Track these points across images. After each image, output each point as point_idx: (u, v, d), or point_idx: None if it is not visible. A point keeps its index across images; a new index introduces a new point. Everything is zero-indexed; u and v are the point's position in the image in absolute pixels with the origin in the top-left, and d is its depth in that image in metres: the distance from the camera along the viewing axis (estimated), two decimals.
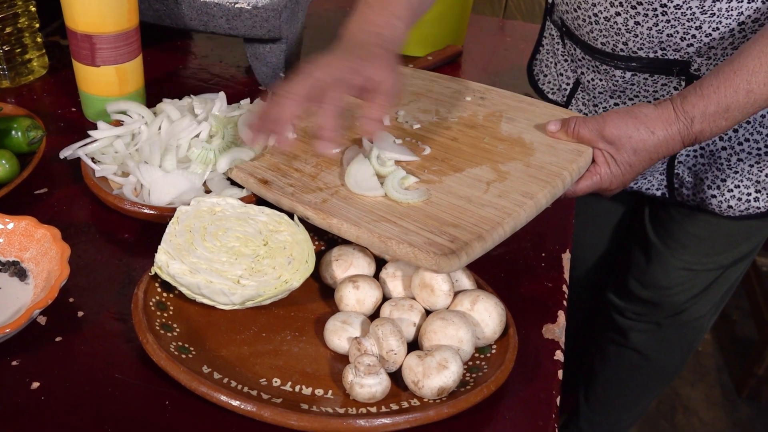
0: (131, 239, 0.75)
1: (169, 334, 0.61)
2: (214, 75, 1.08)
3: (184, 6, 0.93)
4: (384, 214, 0.67)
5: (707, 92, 0.72)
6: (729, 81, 0.71)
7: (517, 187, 0.69)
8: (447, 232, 0.64)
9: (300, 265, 0.65)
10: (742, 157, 0.90)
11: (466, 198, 0.68)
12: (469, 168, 0.73)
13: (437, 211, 0.67)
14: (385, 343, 0.59)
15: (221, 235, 0.65)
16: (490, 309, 0.63)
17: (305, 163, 0.76)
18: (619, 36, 0.85)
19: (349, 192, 0.70)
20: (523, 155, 0.74)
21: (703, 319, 1.14)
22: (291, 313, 0.66)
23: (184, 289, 0.62)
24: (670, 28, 0.81)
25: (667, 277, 1.09)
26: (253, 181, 0.74)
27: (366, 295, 0.65)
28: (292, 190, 0.72)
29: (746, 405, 1.75)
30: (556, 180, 0.71)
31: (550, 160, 0.73)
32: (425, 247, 0.62)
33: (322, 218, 0.68)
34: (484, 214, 0.66)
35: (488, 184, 0.70)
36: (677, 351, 1.20)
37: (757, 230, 1.01)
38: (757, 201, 0.92)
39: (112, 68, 0.86)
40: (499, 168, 0.72)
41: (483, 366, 0.62)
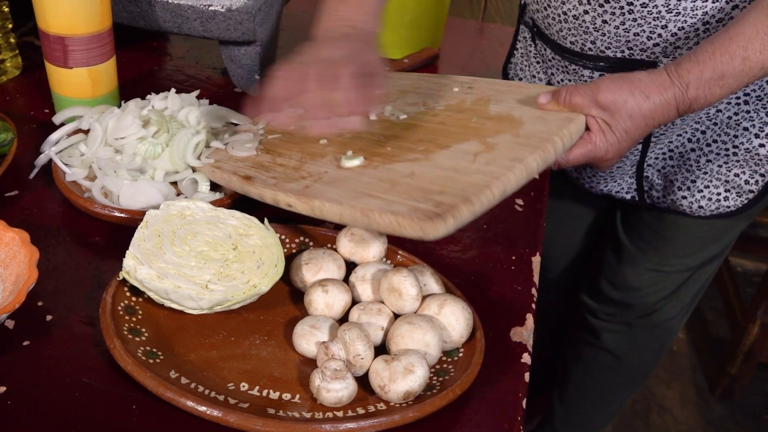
0: (101, 242, 0.75)
1: (138, 338, 0.61)
2: (189, 76, 1.07)
3: (157, 8, 0.92)
4: (367, 191, 0.65)
5: (702, 58, 0.70)
6: (725, 47, 0.70)
7: (506, 154, 0.66)
8: (432, 199, 0.61)
9: (269, 270, 0.65)
10: (711, 158, 0.92)
11: (452, 168, 0.65)
12: (456, 144, 0.70)
13: (422, 183, 0.64)
14: (352, 347, 0.60)
15: (190, 240, 0.66)
16: (457, 313, 0.64)
17: (289, 158, 0.75)
18: (587, 35, 0.86)
19: (333, 176, 0.68)
20: (512, 128, 0.72)
21: (674, 320, 1.16)
22: (261, 316, 0.67)
23: (153, 294, 0.62)
24: (637, 26, 0.82)
25: (638, 278, 1.10)
26: (236, 179, 0.73)
27: (335, 299, 0.65)
28: (274, 181, 0.71)
29: (719, 404, 1.78)
30: (547, 145, 0.68)
31: (540, 129, 0.70)
32: (409, 213, 0.59)
33: (304, 202, 0.66)
34: (471, 180, 0.63)
35: (475, 155, 0.67)
36: (649, 351, 1.22)
37: (725, 232, 1.03)
38: (727, 200, 0.94)
39: (85, 70, 0.86)
40: (486, 141, 0.69)
41: (450, 369, 0.63)
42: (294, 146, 0.77)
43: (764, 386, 1.83)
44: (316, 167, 0.72)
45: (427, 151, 0.70)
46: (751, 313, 1.66)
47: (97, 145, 0.79)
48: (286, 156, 0.76)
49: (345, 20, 0.76)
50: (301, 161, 0.74)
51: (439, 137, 0.73)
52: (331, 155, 0.73)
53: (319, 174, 0.70)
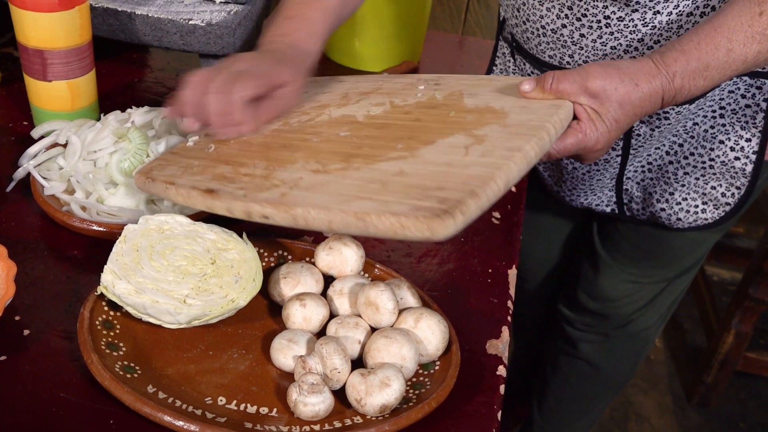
0: (80, 256, 0.75)
1: (115, 353, 0.61)
2: (169, 88, 1.08)
3: (137, 22, 0.93)
4: (356, 193, 0.59)
5: (687, 48, 0.70)
6: (709, 38, 0.69)
7: (500, 144, 0.62)
8: (434, 195, 0.56)
9: (247, 284, 0.66)
10: (688, 170, 0.94)
11: (446, 163, 0.60)
12: (441, 139, 0.65)
13: (417, 180, 0.59)
14: (329, 361, 0.60)
15: (168, 254, 0.66)
16: (434, 326, 0.65)
17: (254, 168, 0.68)
18: (565, 48, 0.87)
19: (312, 181, 0.63)
20: (497, 119, 0.67)
21: (650, 329, 1.17)
22: (239, 330, 0.67)
23: (130, 308, 0.63)
24: (614, 40, 0.83)
25: (615, 289, 1.12)
26: (197, 194, 0.65)
27: (313, 313, 0.66)
28: (243, 192, 0.64)
29: (695, 412, 1.80)
30: (541, 132, 0.64)
31: (528, 117, 0.66)
32: (412, 213, 0.54)
33: (284, 211, 0.60)
34: (471, 173, 0.58)
35: (466, 148, 0.62)
36: (625, 361, 1.23)
37: (699, 244, 1.05)
38: (704, 212, 0.96)
39: (64, 83, 0.86)
40: (474, 133, 0.65)
41: (426, 383, 0.64)
42: (255, 154, 0.71)
43: (740, 394, 1.85)
44: (289, 174, 0.65)
45: (410, 148, 0.64)
46: (726, 322, 1.68)
47: (75, 159, 0.79)
48: (249, 165, 0.69)
49: (284, 36, 0.78)
50: (269, 169, 0.67)
51: (419, 134, 0.67)
52: (302, 161, 0.67)
53: (294, 180, 0.64)
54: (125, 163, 0.78)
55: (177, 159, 0.75)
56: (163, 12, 0.93)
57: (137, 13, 0.92)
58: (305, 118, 0.77)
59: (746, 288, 1.62)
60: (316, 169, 0.64)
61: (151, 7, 0.93)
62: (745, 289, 1.62)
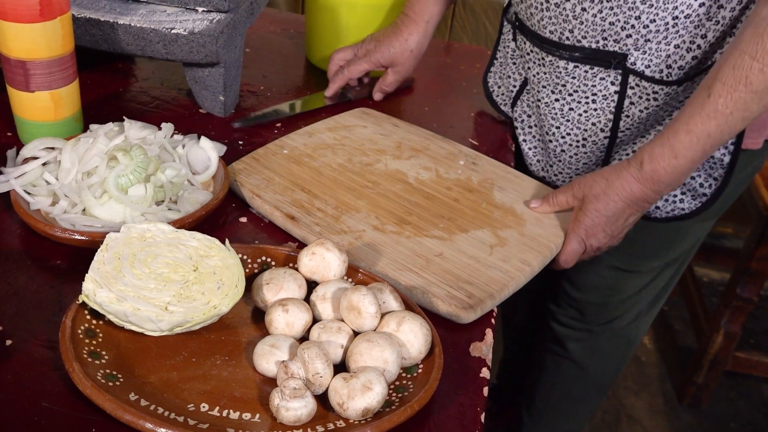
0: (63, 265, 0.75)
1: (97, 361, 0.61)
2: (154, 98, 1.08)
3: (120, 32, 0.93)
4: (406, 264, 0.78)
5: (653, 139, 0.83)
6: (669, 127, 0.82)
7: (516, 254, 0.82)
8: (463, 288, 0.76)
9: (229, 290, 0.66)
10: None
11: (475, 258, 0.80)
12: (473, 230, 0.85)
13: (452, 267, 0.79)
14: (311, 366, 0.61)
15: (150, 262, 0.66)
16: (416, 329, 0.65)
17: (326, 204, 0.86)
18: (566, 23, 0.89)
19: (372, 237, 0.82)
20: (517, 225, 0.87)
21: (634, 328, 1.18)
22: (222, 337, 0.67)
23: (112, 316, 0.63)
24: (613, 15, 0.86)
25: (598, 276, 1.13)
26: (279, 215, 0.84)
27: (295, 318, 0.66)
28: (318, 229, 0.82)
29: (687, 412, 1.80)
30: (546, 250, 0.85)
31: (539, 232, 0.87)
32: (447, 299, 0.74)
33: (350, 260, 0.77)
34: (492, 275, 0.78)
35: (491, 247, 0.83)
36: (611, 361, 1.24)
37: (683, 235, 1.06)
38: (683, 202, 0.97)
39: (47, 93, 0.87)
40: (498, 234, 0.85)
41: (409, 386, 0.64)
42: (326, 189, 0.89)
43: (730, 394, 1.86)
44: (354, 223, 0.84)
45: (449, 230, 0.85)
46: (716, 322, 1.69)
47: (69, 179, 0.79)
48: (321, 200, 0.87)
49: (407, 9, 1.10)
50: (338, 210, 0.86)
51: (456, 217, 0.87)
52: (364, 211, 0.86)
53: (359, 232, 0.82)
54: (123, 179, 0.78)
55: (260, 168, 0.92)
56: (145, 21, 0.93)
57: (120, 23, 0.93)
58: (365, 159, 0.96)
59: (734, 288, 1.63)
60: (375, 225, 0.84)
61: (134, 16, 0.94)
62: (733, 289, 1.63)
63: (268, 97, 1.13)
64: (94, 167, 0.80)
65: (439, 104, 1.17)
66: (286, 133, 1.03)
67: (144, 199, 0.79)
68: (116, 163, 0.80)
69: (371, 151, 0.98)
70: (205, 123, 1.04)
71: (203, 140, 0.89)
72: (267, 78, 1.18)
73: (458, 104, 1.18)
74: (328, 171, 0.93)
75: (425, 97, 1.20)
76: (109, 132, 0.85)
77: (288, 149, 0.96)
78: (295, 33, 1.34)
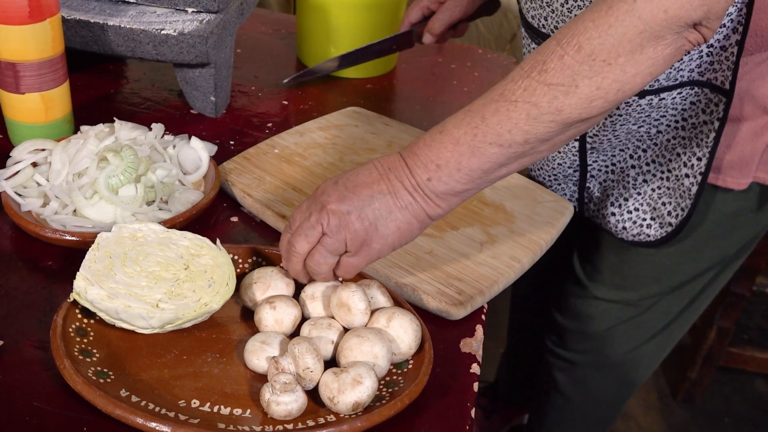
0: (54, 266, 0.75)
1: (89, 359, 0.62)
2: (145, 99, 1.08)
3: (110, 33, 0.93)
4: (396, 261, 0.78)
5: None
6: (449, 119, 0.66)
7: (506, 251, 0.83)
8: (453, 284, 0.76)
9: (220, 288, 0.66)
10: (648, 178, 0.92)
11: (465, 255, 0.81)
12: (463, 227, 0.86)
13: (442, 264, 0.79)
14: (302, 361, 0.61)
15: (141, 260, 0.67)
16: (406, 325, 0.66)
17: None
18: (541, 9, 0.85)
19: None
20: (507, 222, 0.88)
21: (628, 368, 1.12)
22: (213, 335, 0.68)
23: (103, 314, 0.63)
24: (577, 8, 0.80)
25: (577, 301, 1.11)
26: (271, 214, 0.84)
27: (284, 314, 0.67)
28: None
29: (681, 408, 1.81)
30: (536, 247, 0.84)
31: (529, 229, 0.87)
32: (437, 296, 0.74)
33: None
34: (482, 272, 0.79)
35: (481, 244, 0.83)
36: (601, 399, 1.19)
37: (648, 265, 1.00)
38: (649, 228, 0.93)
39: (37, 95, 0.87)
40: (488, 231, 0.86)
41: (399, 381, 0.64)
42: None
43: (724, 389, 1.87)
44: None
45: (438, 228, 0.85)
46: (708, 318, 1.70)
47: (60, 180, 0.80)
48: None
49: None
50: None
51: (447, 215, 0.82)
52: None
53: None
54: (113, 179, 0.79)
55: (251, 168, 0.92)
56: (135, 23, 0.93)
57: (109, 24, 0.93)
58: (357, 159, 0.96)
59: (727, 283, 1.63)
60: None
61: (124, 18, 0.94)
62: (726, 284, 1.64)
63: (259, 97, 1.13)
64: (85, 168, 0.80)
65: (431, 103, 1.18)
66: (277, 132, 1.03)
67: (135, 199, 0.79)
68: (107, 163, 0.80)
69: (362, 150, 0.99)
70: (197, 123, 1.04)
71: (194, 140, 0.89)
72: (258, 78, 1.18)
73: (449, 103, 1.19)
74: (319, 170, 0.93)
75: (416, 96, 1.20)
76: (100, 133, 0.85)
77: (279, 149, 0.97)
78: (286, 33, 1.35)
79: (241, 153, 0.95)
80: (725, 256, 1.00)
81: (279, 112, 1.10)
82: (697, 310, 1.09)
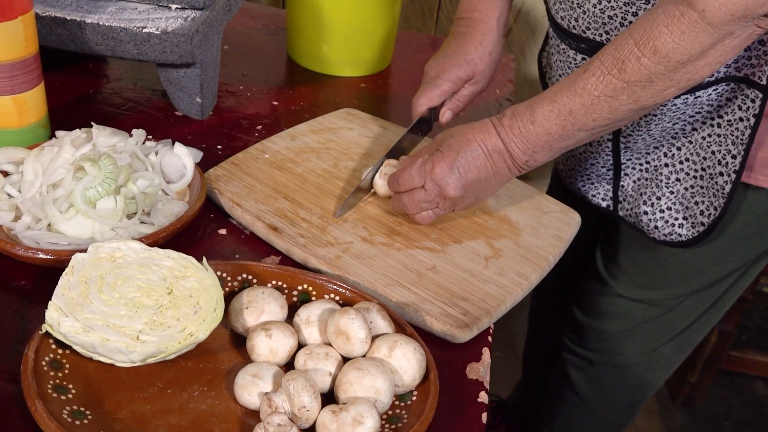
0: (27, 287, 0.70)
1: (63, 396, 0.56)
2: (127, 99, 1.02)
3: (88, 31, 0.87)
4: (397, 279, 0.74)
5: (527, 102, 0.77)
6: (541, 94, 0.76)
7: (513, 266, 0.78)
8: (458, 304, 0.72)
9: (207, 315, 0.61)
10: (681, 177, 0.90)
11: (469, 272, 0.76)
12: (467, 241, 0.81)
13: (446, 282, 0.74)
14: (297, 399, 0.56)
15: (120, 285, 0.61)
16: (409, 355, 0.61)
17: (311, 214, 0.82)
18: (572, 11, 0.85)
19: (360, 250, 0.77)
20: (512, 234, 0.83)
21: (646, 369, 1.11)
22: (200, 364, 0.62)
23: (79, 347, 0.58)
24: (611, 9, 0.81)
25: (600, 299, 1.08)
26: (261, 226, 0.79)
27: (279, 344, 0.61)
28: (303, 241, 0.77)
29: (680, 412, 1.78)
30: (544, 262, 0.80)
31: (536, 243, 0.82)
32: (441, 317, 0.70)
33: (337, 274, 0.73)
34: (488, 290, 0.74)
35: (486, 259, 0.78)
36: (617, 401, 1.17)
37: (696, 269, 0.97)
38: (681, 228, 0.91)
39: (9, 98, 0.81)
40: (493, 244, 0.81)
41: (403, 415, 0.59)
42: (311, 197, 0.84)
43: (723, 393, 1.84)
44: (341, 234, 0.79)
45: (440, 241, 0.80)
46: None
47: (33, 191, 0.73)
48: (306, 209, 0.82)
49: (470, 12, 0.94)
50: (324, 220, 0.81)
51: (449, 226, 0.83)
52: (352, 221, 0.81)
53: (346, 244, 0.78)
54: (91, 191, 0.73)
55: (240, 174, 0.86)
56: (115, 20, 0.87)
57: (87, 21, 0.87)
58: (352, 165, 0.91)
59: None
60: (364, 236, 0.79)
61: (102, 14, 0.88)
62: None
63: (248, 97, 1.07)
64: (60, 179, 0.74)
65: None
66: (267, 135, 0.98)
67: (114, 212, 0.73)
68: (84, 174, 0.74)
69: (358, 155, 0.94)
70: (182, 126, 0.98)
71: (177, 146, 0.83)
72: (247, 77, 1.13)
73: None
74: (312, 177, 0.88)
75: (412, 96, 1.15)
76: (76, 140, 0.79)
77: (270, 153, 0.91)
78: (276, 29, 1.29)
79: (230, 158, 0.90)
80: (753, 256, 0.98)
81: (269, 113, 1.05)
82: (719, 311, 1.07)
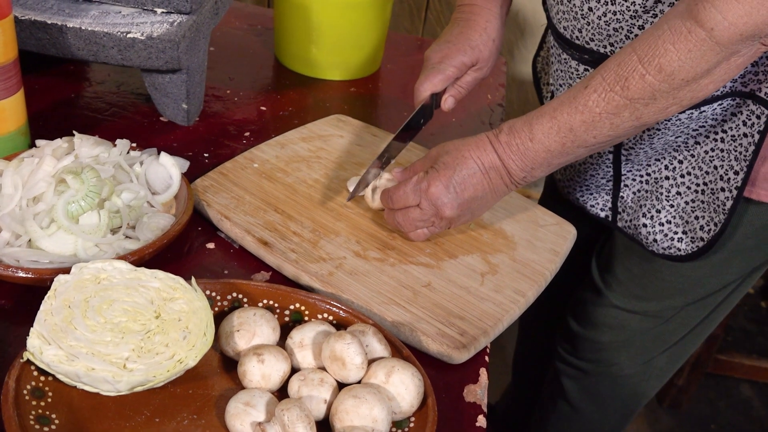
0: (7, 306, 0.67)
1: (46, 428, 0.54)
2: (110, 104, 0.99)
3: (70, 35, 0.84)
4: (392, 297, 0.72)
5: (525, 116, 0.76)
6: (539, 109, 0.74)
7: (509, 283, 0.77)
8: (455, 324, 0.70)
9: (197, 340, 0.59)
10: (682, 190, 0.89)
11: (465, 289, 0.75)
12: (462, 255, 0.79)
13: (442, 300, 0.73)
14: (292, 430, 0.54)
15: (105, 310, 0.58)
16: (407, 381, 0.59)
17: (302, 227, 0.79)
18: (575, 21, 0.83)
19: (354, 266, 0.75)
20: (508, 249, 0.82)
21: (640, 380, 1.10)
22: (189, 390, 0.60)
23: (62, 376, 0.55)
24: (616, 21, 0.79)
25: (594, 309, 1.07)
26: (251, 240, 0.76)
27: (272, 370, 0.59)
28: (294, 256, 0.75)
29: (667, 414, 1.78)
30: (540, 278, 0.78)
31: (533, 258, 0.81)
32: (437, 338, 0.68)
33: (330, 291, 0.72)
34: (485, 308, 0.73)
35: (482, 275, 0.77)
36: (611, 411, 1.16)
37: (689, 286, 0.97)
38: (680, 242, 0.90)
39: None
40: (488, 259, 0.79)
41: None
42: (302, 209, 0.82)
43: (710, 395, 1.84)
44: (334, 249, 0.77)
45: (435, 256, 0.78)
46: None
47: (12, 206, 0.70)
48: (297, 222, 0.80)
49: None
50: (316, 234, 0.79)
51: (443, 240, 0.81)
52: (344, 234, 0.79)
53: (339, 259, 0.76)
54: (73, 206, 0.70)
55: (228, 185, 0.84)
56: (97, 24, 0.84)
57: (69, 26, 0.84)
58: (343, 174, 0.89)
59: None
60: (357, 251, 0.77)
61: (85, 18, 0.84)
62: None
63: (235, 102, 1.04)
64: (41, 192, 0.71)
65: None
66: (255, 142, 0.95)
67: (98, 228, 0.70)
68: (65, 187, 0.71)
69: (349, 164, 0.91)
70: (167, 133, 0.95)
71: (163, 156, 0.80)
72: (233, 80, 1.10)
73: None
74: (303, 188, 0.86)
75: (402, 102, 1.13)
76: (57, 150, 0.76)
77: (258, 162, 0.89)
78: (262, 29, 1.26)
79: (217, 168, 0.87)
80: (750, 268, 0.97)
81: (257, 118, 1.02)
82: (714, 321, 1.06)
